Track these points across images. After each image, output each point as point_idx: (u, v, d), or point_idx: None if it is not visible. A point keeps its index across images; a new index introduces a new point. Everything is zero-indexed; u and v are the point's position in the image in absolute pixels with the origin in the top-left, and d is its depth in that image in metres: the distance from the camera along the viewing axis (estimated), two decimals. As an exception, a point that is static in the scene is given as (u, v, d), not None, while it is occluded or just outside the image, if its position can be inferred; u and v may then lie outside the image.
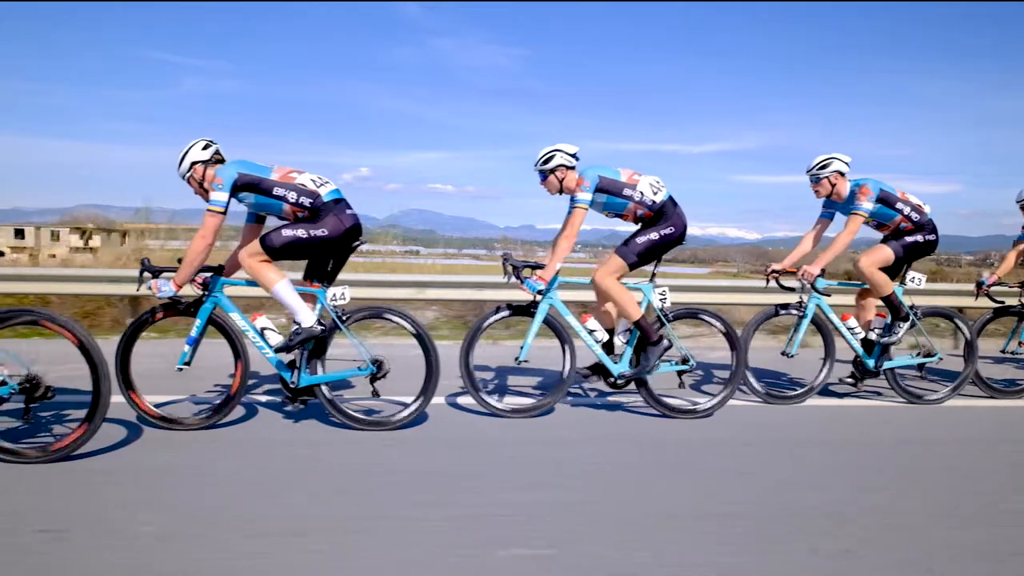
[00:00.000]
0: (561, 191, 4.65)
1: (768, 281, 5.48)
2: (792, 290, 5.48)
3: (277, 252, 3.99)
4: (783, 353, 5.28)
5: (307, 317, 4.01)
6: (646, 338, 4.57)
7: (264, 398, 4.83)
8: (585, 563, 2.58)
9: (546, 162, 4.57)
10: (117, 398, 3.75)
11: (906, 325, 5.20)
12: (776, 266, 5.41)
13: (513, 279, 4.65)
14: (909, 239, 5.18)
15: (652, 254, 4.58)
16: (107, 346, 3.57)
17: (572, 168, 4.60)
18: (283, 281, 4.01)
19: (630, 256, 4.55)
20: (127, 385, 4.02)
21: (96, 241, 16.92)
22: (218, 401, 4.20)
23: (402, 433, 4.15)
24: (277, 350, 4.05)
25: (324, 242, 4.01)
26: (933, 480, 3.61)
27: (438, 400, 4.71)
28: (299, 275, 4.41)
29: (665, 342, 4.60)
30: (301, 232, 3.97)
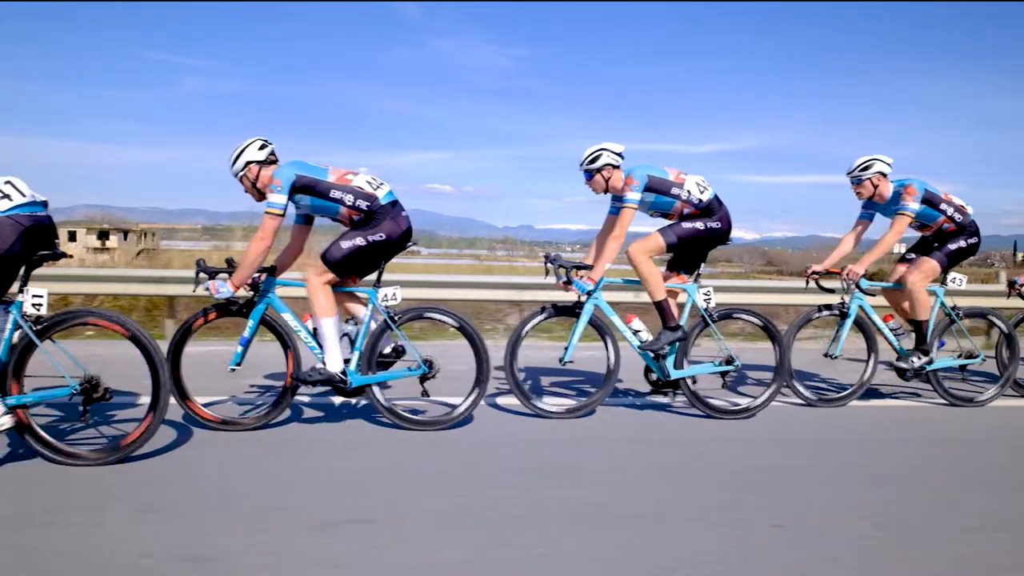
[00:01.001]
0: (606, 190, 4.63)
1: (808, 282, 5.46)
2: (832, 291, 5.47)
3: (341, 266, 3.95)
4: (826, 355, 5.25)
5: (336, 362, 3.97)
6: (664, 320, 4.54)
7: (305, 398, 4.80)
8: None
9: (592, 161, 4.55)
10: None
11: (923, 360, 5.10)
12: (817, 267, 5.38)
13: (562, 279, 4.62)
14: (952, 246, 5.12)
15: (693, 244, 4.55)
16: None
17: (618, 167, 4.58)
18: (332, 319, 3.97)
19: (671, 236, 4.52)
20: (178, 388, 3.99)
21: (113, 241, 16.87)
22: (272, 400, 4.17)
23: (450, 433, 4.13)
24: (294, 378, 4.02)
25: (384, 246, 3.98)
26: None
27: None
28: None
29: (681, 332, 4.55)
30: (360, 240, 3.93)
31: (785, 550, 2.70)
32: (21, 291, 3.39)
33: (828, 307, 5.24)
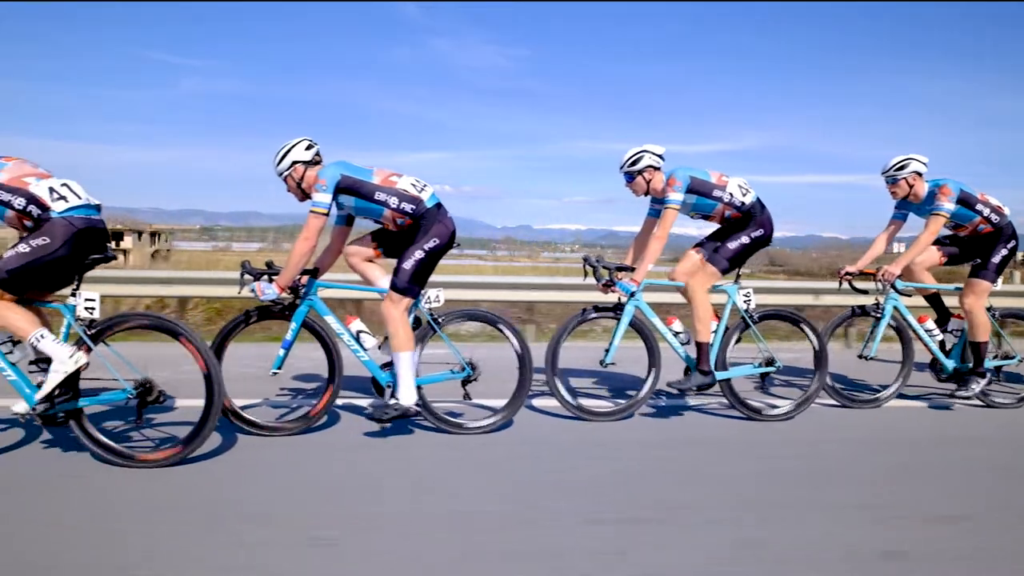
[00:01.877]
0: (647, 192, 4.62)
1: (840, 283, 5.44)
2: (865, 292, 5.45)
3: (409, 286, 3.91)
4: (860, 356, 5.23)
5: (409, 395, 3.90)
6: (699, 361, 4.54)
7: (340, 400, 4.78)
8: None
9: (634, 163, 4.54)
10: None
11: (982, 383, 5.05)
12: (850, 268, 5.35)
13: (602, 281, 4.62)
14: (995, 259, 5.03)
15: (743, 258, 4.57)
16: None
17: (658, 169, 4.57)
18: (409, 353, 3.89)
19: (722, 263, 4.54)
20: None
21: (128, 242, 16.81)
22: (314, 404, 4.15)
23: (491, 435, 4.12)
24: (366, 416, 3.98)
25: (439, 252, 3.96)
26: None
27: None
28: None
29: (711, 378, 4.55)
30: (419, 253, 3.89)
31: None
32: (74, 294, 3.39)
33: (862, 308, 5.23)
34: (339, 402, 4.32)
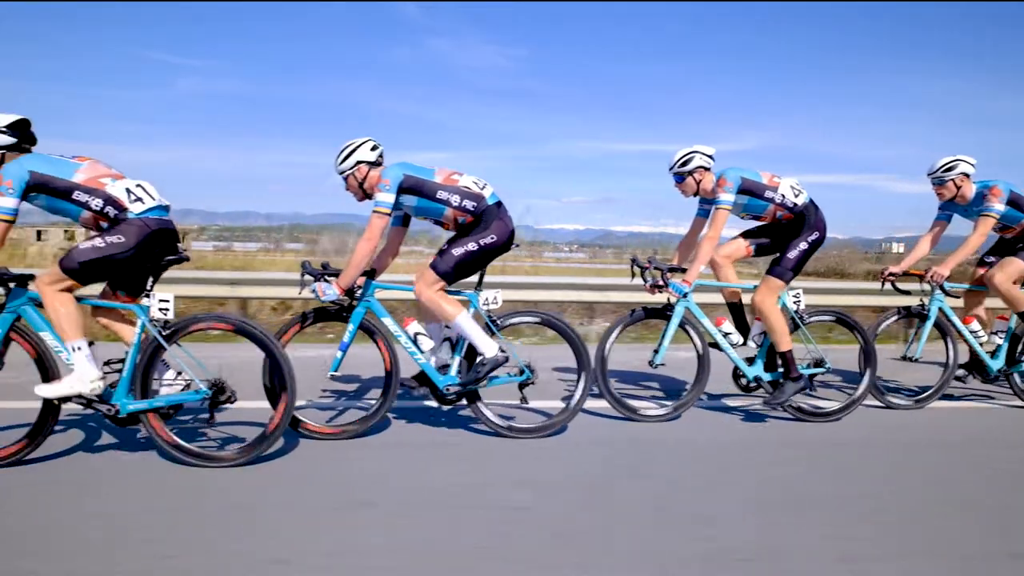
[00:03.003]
0: (696, 193, 4.62)
1: (883, 284, 5.44)
2: (908, 293, 5.45)
3: (452, 274, 3.92)
4: (904, 357, 5.22)
5: (490, 347, 3.93)
6: (788, 371, 4.54)
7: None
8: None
9: (684, 164, 4.54)
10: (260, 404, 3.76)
11: None
12: (894, 268, 5.36)
13: (650, 282, 4.62)
14: None
15: (803, 264, 4.57)
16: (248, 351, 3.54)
17: (709, 169, 4.57)
18: (463, 314, 3.92)
19: (786, 274, 4.54)
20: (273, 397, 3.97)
21: None
22: (373, 406, 4.15)
23: (549, 439, 4.12)
24: (465, 384, 3.99)
25: (494, 249, 3.95)
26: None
27: (558, 404, 4.69)
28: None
29: (803, 382, 4.54)
30: (471, 245, 3.90)
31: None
32: (148, 295, 3.40)
33: (907, 309, 5.23)
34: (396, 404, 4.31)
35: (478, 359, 3.97)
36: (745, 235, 4.86)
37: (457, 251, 3.90)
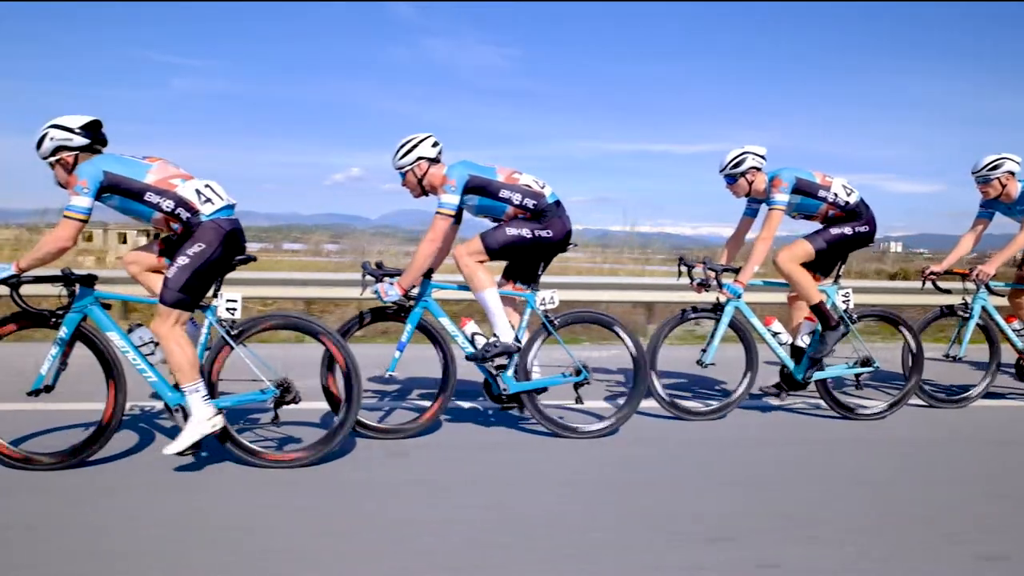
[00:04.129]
0: (748, 193, 4.61)
1: (924, 283, 5.44)
2: (949, 292, 5.45)
3: (497, 252, 3.91)
4: (947, 356, 5.22)
5: (506, 331, 3.93)
6: (825, 322, 4.51)
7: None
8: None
9: (736, 164, 4.52)
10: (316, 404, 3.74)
11: None
12: (936, 267, 5.35)
13: (697, 282, 4.62)
14: None
15: (841, 247, 4.55)
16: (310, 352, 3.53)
17: (760, 170, 4.56)
18: (493, 289, 3.92)
19: (819, 242, 4.50)
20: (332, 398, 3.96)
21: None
22: (427, 406, 4.13)
23: (603, 439, 4.11)
24: (469, 358, 3.99)
25: (546, 244, 3.94)
26: None
27: (605, 405, 4.68)
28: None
29: (842, 328, 4.53)
30: (525, 231, 3.89)
31: None
32: (215, 295, 3.38)
33: (950, 308, 5.23)
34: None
35: (491, 339, 3.96)
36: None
37: (511, 231, 3.89)
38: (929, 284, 5.39)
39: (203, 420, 3.23)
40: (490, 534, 2.74)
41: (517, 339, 3.97)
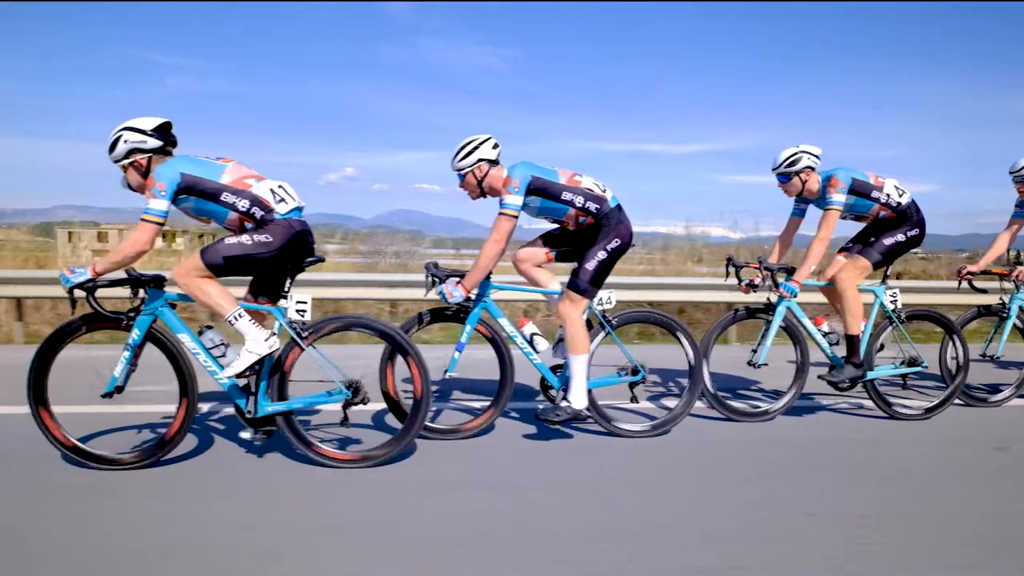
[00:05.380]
0: (801, 193, 4.61)
1: (960, 283, 5.48)
2: (985, 291, 5.49)
3: (592, 289, 3.91)
4: (983, 356, 5.25)
5: (581, 399, 3.89)
6: (852, 353, 4.55)
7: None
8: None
9: (792, 164, 4.52)
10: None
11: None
12: (972, 267, 5.39)
13: (746, 282, 4.64)
14: None
15: (895, 255, 4.58)
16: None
17: (814, 169, 4.56)
18: (586, 357, 3.88)
19: (874, 256, 4.54)
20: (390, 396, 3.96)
21: (179, 243, 16.75)
22: (484, 407, 4.13)
23: (663, 437, 4.13)
24: (540, 416, 3.98)
25: (619, 253, 3.95)
26: None
27: (648, 405, 4.68)
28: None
29: (861, 371, 4.56)
30: (602, 254, 3.88)
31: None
32: (285, 296, 3.36)
33: (987, 308, 5.26)
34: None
35: (562, 403, 3.93)
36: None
37: (590, 265, 3.88)
38: (965, 284, 5.43)
39: (258, 342, 3.22)
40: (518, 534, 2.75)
41: (588, 407, 3.96)
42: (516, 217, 3.79)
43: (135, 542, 2.59)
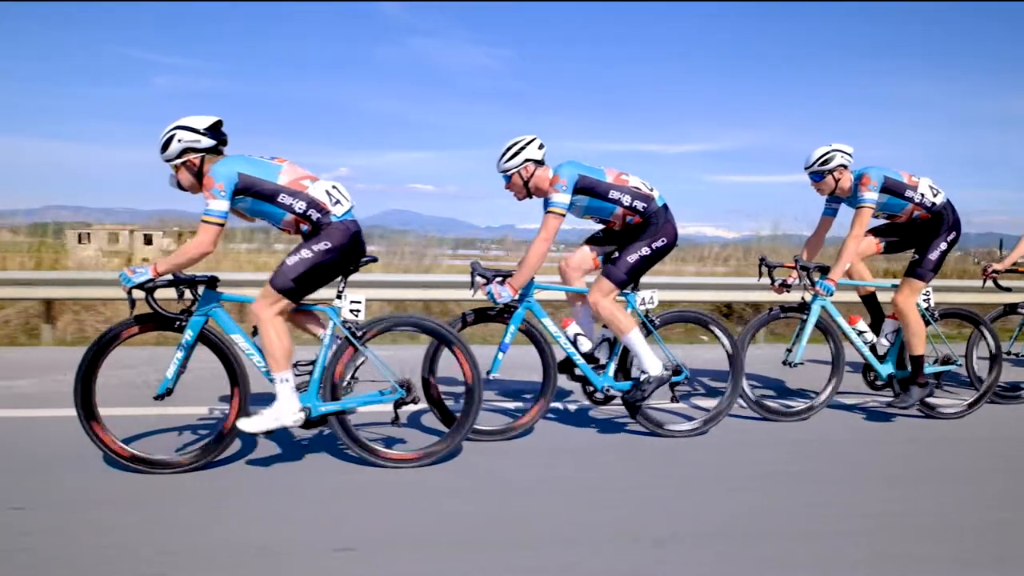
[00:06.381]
0: (834, 192, 4.62)
1: (985, 281, 5.52)
2: (1009, 290, 5.54)
3: (627, 281, 3.92)
4: (1008, 353, 5.27)
5: (656, 365, 3.91)
6: (915, 375, 4.55)
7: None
8: None
9: (825, 162, 4.52)
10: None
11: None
12: (997, 265, 5.43)
13: (779, 281, 4.66)
14: None
15: (942, 263, 4.62)
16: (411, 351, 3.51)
17: (847, 167, 4.58)
18: (636, 330, 3.89)
19: (927, 275, 4.56)
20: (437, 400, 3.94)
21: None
22: (526, 409, 4.12)
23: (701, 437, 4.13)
24: (630, 401, 3.97)
25: (663, 252, 3.94)
26: None
27: (679, 406, 4.68)
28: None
29: (930, 388, 4.58)
30: (645, 250, 3.88)
31: None
32: (339, 296, 3.35)
33: (1013, 307, 5.30)
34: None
35: (642, 376, 3.95)
36: (874, 232, 4.88)
37: (631, 257, 3.89)
38: (990, 283, 5.48)
39: (288, 412, 3.20)
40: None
41: (665, 366, 3.97)
42: (564, 215, 3.79)
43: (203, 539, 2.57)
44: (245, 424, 3.18)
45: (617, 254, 3.96)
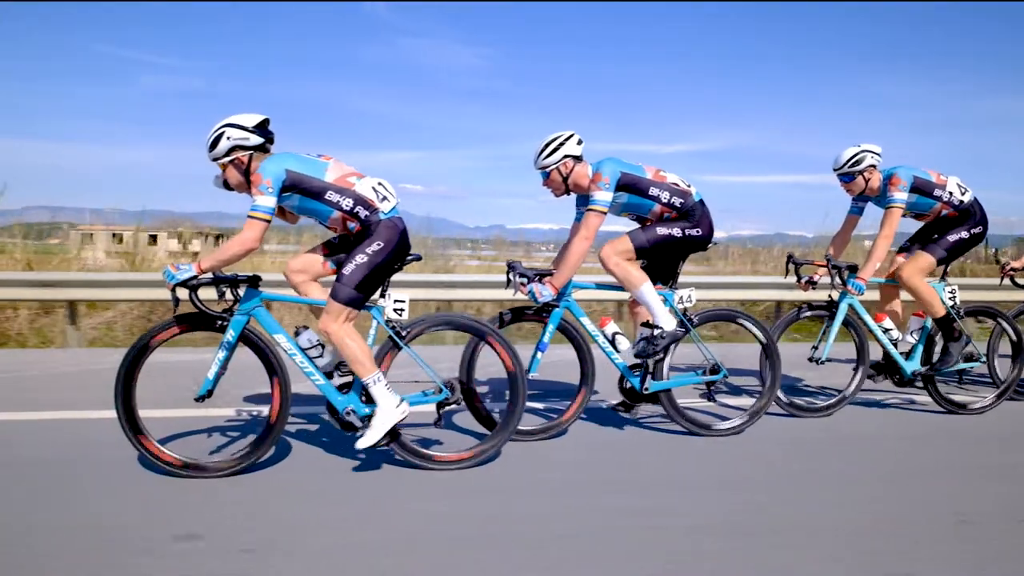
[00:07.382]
0: (863, 192, 4.63)
1: (1002, 279, 5.56)
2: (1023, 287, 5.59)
3: (648, 250, 3.88)
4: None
5: (668, 320, 3.90)
6: (949, 334, 4.59)
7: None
8: None
9: (856, 163, 4.53)
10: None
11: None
12: (1016, 264, 5.48)
13: (805, 279, 4.68)
14: None
15: (959, 252, 4.63)
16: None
17: (876, 167, 4.59)
18: (648, 283, 3.89)
19: (939, 252, 4.57)
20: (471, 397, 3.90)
21: (196, 245, 16.51)
22: (565, 408, 4.09)
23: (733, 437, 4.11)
24: (639, 355, 3.94)
25: (694, 243, 3.93)
26: None
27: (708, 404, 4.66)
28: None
29: (964, 339, 4.62)
30: (676, 231, 3.87)
31: None
32: (383, 295, 3.30)
33: (1031, 305, 5.35)
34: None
35: (655, 332, 3.90)
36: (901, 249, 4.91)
37: (661, 230, 3.87)
38: (1007, 281, 5.52)
39: (391, 409, 3.15)
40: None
41: (681, 323, 3.94)
42: (606, 213, 3.77)
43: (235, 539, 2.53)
44: (362, 442, 3.14)
45: (649, 223, 3.93)
